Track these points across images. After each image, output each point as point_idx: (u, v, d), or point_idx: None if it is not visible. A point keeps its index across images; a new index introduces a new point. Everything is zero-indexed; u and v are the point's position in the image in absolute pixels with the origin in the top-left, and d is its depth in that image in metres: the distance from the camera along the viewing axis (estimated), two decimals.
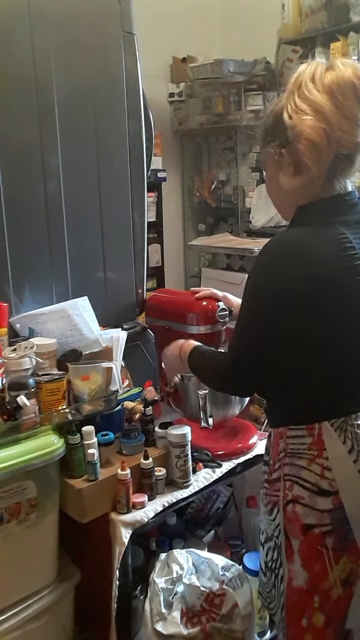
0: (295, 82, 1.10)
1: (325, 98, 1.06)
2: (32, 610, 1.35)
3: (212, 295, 1.63)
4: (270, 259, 1.11)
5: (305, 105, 1.07)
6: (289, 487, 1.14)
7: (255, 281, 1.13)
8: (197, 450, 1.51)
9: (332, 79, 1.07)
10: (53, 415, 1.35)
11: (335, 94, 1.07)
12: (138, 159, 1.83)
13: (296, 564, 1.14)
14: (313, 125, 1.06)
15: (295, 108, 1.08)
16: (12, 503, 1.27)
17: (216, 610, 1.32)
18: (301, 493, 1.12)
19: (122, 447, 1.44)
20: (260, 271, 1.12)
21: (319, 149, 1.07)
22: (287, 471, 1.15)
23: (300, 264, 1.07)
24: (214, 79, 3.02)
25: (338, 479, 1.10)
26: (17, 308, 1.56)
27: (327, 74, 1.08)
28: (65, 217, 1.64)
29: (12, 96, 1.50)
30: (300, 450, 1.13)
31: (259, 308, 1.12)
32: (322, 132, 1.06)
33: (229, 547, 1.73)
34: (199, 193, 3.47)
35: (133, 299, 1.89)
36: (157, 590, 1.33)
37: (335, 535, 1.11)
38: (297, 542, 1.14)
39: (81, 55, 1.64)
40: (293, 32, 2.81)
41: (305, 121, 1.06)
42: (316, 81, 1.08)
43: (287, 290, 1.07)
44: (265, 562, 1.24)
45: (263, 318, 1.11)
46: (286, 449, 1.15)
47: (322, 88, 1.07)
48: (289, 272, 1.07)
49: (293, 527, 1.14)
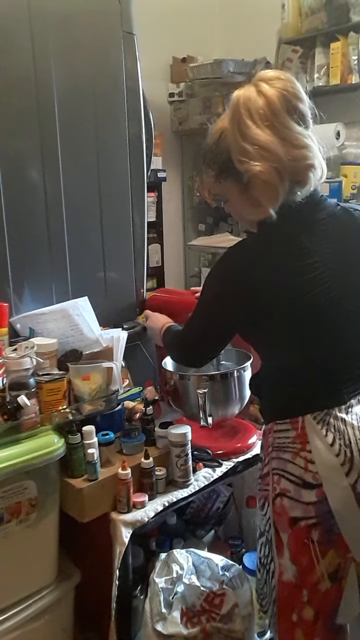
0: (233, 118, 1.11)
1: (267, 133, 1.08)
2: (32, 610, 1.35)
3: None
4: (228, 259, 1.18)
5: (250, 146, 1.08)
6: (276, 481, 1.17)
7: (212, 276, 1.21)
8: (198, 450, 1.51)
9: (264, 104, 1.08)
10: (53, 415, 1.35)
11: (274, 125, 1.08)
12: (138, 159, 1.83)
13: (285, 557, 1.16)
14: (263, 169, 1.08)
15: (241, 150, 1.09)
16: (12, 503, 1.27)
17: (216, 610, 1.32)
18: (287, 486, 1.14)
19: (122, 447, 1.44)
20: (218, 268, 1.20)
21: (274, 188, 1.09)
22: (275, 465, 1.18)
23: (253, 266, 1.13)
24: (214, 79, 3.01)
25: (321, 471, 1.11)
26: (17, 308, 1.56)
27: (259, 100, 1.09)
28: (65, 217, 1.64)
29: (12, 96, 1.50)
30: (285, 444, 1.16)
31: (212, 303, 1.21)
32: (274, 171, 1.08)
33: (229, 547, 1.73)
34: (199, 193, 3.46)
35: (133, 299, 1.89)
36: (157, 590, 1.33)
37: (321, 528, 1.12)
38: (286, 535, 1.15)
39: (81, 56, 1.64)
40: (293, 32, 2.81)
41: (256, 167, 1.08)
42: (252, 114, 1.08)
43: (237, 292, 1.14)
44: (259, 558, 1.26)
45: (214, 311, 1.21)
46: (273, 443, 1.18)
47: (260, 120, 1.08)
48: (242, 274, 1.14)
49: (282, 520, 1.16)
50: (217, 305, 1.20)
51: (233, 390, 1.55)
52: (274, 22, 2.88)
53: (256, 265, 1.13)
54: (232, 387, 1.54)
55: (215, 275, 1.20)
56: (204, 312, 1.24)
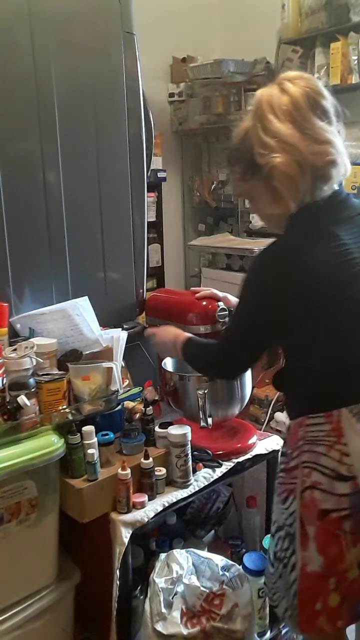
0: (256, 115, 1.15)
1: (289, 127, 1.11)
2: (32, 610, 1.35)
3: (213, 295, 1.64)
4: (264, 259, 1.19)
5: (271, 140, 1.11)
6: (307, 474, 1.17)
7: (249, 281, 1.20)
8: (198, 450, 1.51)
9: (288, 102, 1.12)
10: (53, 415, 1.35)
11: (297, 120, 1.11)
12: (138, 159, 1.83)
13: (311, 550, 1.17)
14: (284, 161, 1.11)
15: (263, 144, 1.13)
16: (12, 503, 1.27)
17: (216, 610, 1.32)
18: (320, 479, 1.16)
19: (122, 447, 1.44)
20: (255, 272, 1.20)
21: (294, 181, 1.12)
22: (306, 458, 1.18)
23: (292, 263, 1.13)
24: (214, 79, 3.01)
25: (356, 463, 1.13)
26: (17, 308, 1.56)
27: (282, 98, 1.12)
28: (65, 217, 1.64)
29: (12, 96, 1.50)
30: (319, 437, 1.17)
31: (252, 306, 1.21)
32: (295, 164, 1.11)
33: (229, 547, 1.73)
34: (199, 193, 3.46)
35: (133, 299, 1.89)
36: (157, 590, 1.33)
37: (354, 519, 1.14)
38: (313, 528, 1.16)
39: (81, 56, 1.64)
40: (293, 32, 2.81)
41: (276, 158, 1.11)
42: (275, 110, 1.12)
43: (279, 289, 1.14)
44: (275, 552, 1.25)
45: (256, 315, 1.20)
46: (305, 436, 1.19)
47: (283, 115, 1.11)
48: (282, 272, 1.14)
49: (309, 513, 1.17)
50: (259, 308, 1.19)
51: (233, 391, 1.55)
52: (274, 22, 2.88)
53: (295, 262, 1.14)
54: (232, 387, 1.54)
55: (254, 278, 1.20)
56: (245, 317, 1.23)
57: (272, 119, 1.12)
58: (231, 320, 1.27)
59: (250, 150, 1.16)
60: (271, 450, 1.63)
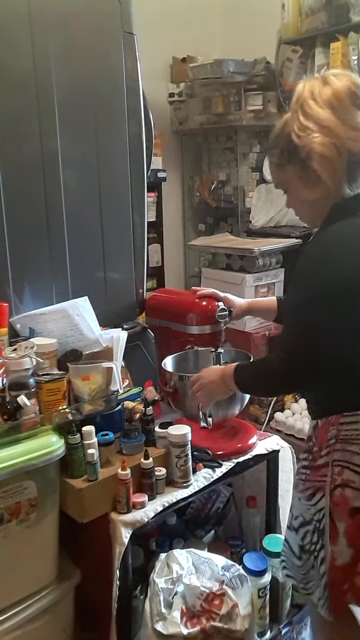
0: (297, 102, 1.20)
1: (328, 112, 1.16)
2: (32, 611, 1.35)
3: (213, 295, 1.64)
4: (319, 252, 1.19)
5: (311, 123, 1.16)
6: (338, 472, 1.18)
7: (306, 276, 1.19)
8: (198, 450, 1.51)
9: (330, 93, 1.16)
10: (53, 415, 1.35)
11: (336, 108, 1.16)
12: (138, 159, 1.83)
13: (341, 544, 1.18)
14: (322, 142, 1.15)
15: (302, 126, 1.17)
16: (12, 503, 1.27)
17: (216, 610, 1.32)
18: (352, 477, 1.16)
19: (122, 447, 1.44)
20: (310, 267, 1.19)
21: (331, 162, 1.16)
22: (338, 457, 1.19)
23: (347, 253, 1.15)
24: (214, 79, 3.02)
25: None
26: (17, 308, 1.56)
27: (324, 89, 1.17)
28: (65, 217, 1.64)
29: (12, 96, 1.50)
30: (353, 436, 1.17)
31: (313, 300, 1.16)
32: (332, 146, 1.15)
33: (229, 547, 1.73)
34: (199, 193, 3.47)
35: (133, 299, 1.89)
36: (157, 590, 1.33)
37: None
38: (343, 524, 1.17)
39: (81, 56, 1.64)
40: (293, 32, 2.81)
41: (314, 138, 1.15)
42: (316, 97, 1.17)
43: (337, 279, 1.14)
44: (302, 546, 1.27)
45: (318, 309, 1.16)
46: (337, 435, 1.19)
47: (323, 103, 1.16)
48: (338, 262, 1.15)
49: (340, 510, 1.18)
50: (318, 310, 1.16)
51: None
52: (274, 22, 2.88)
53: (347, 251, 1.15)
54: None
55: (308, 278, 1.19)
56: (306, 321, 1.18)
57: (313, 105, 1.17)
58: (289, 331, 1.23)
59: (289, 135, 1.20)
60: (271, 450, 1.63)
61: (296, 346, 1.19)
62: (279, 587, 1.58)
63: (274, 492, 1.70)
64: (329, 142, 1.14)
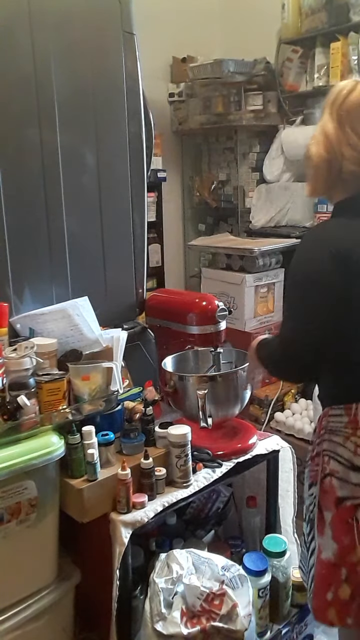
0: (326, 103, 1.23)
1: (335, 127, 1.18)
2: (32, 610, 1.35)
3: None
4: (300, 245, 1.25)
5: (319, 129, 1.21)
6: (326, 462, 1.22)
7: (291, 269, 1.25)
8: (198, 450, 1.51)
9: (350, 103, 1.17)
10: (53, 415, 1.35)
11: (343, 121, 1.17)
12: (138, 159, 1.83)
13: (327, 536, 1.20)
14: (316, 153, 1.20)
15: (317, 130, 1.22)
16: (12, 503, 1.27)
17: (216, 610, 1.32)
18: (336, 467, 1.20)
19: (122, 447, 1.44)
20: (294, 260, 1.23)
21: (319, 172, 1.21)
22: (326, 447, 1.23)
23: (325, 245, 1.17)
24: (214, 79, 3.01)
25: None
26: (17, 308, 1.56)
27: (351, 95, 1.18)
28: (65, 217, 1.64)
29: (12, 96, 1.50)
30: (338, 428, 1.22)
31: (296, 293, 1.23)
32: (324, 159, 1.19)
33: (229, 547, 1.73)
34: (199, 193, 3.46)
35: (133, 299, 1.89)
36: (157, 590, 1.33)
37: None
38: (330, 514, 1.20)
39: (81, 56, 1.64)
40: (293, 32, 2.81)
41: (311, 146, 1.21)
42: (335, 105, 1.19)
43: (316, 271, 1.17)
44: (303, 537, 1.31)
45: (296, 298, 1.23)
46: (327, 426, 1.25)
47: (336, 114, 1.18)
48: (316, 253, 1.18)
49: (328, 499, 1.21)
50: (308, 300, 1.20)
51: (233, 391, 1.55)
52: (274, 22, 2.88)
53: (337, 239, 1.18)
54: (232, 387, 1.54)
55: (298, 267, 1.23)
56: (296, 311, 1.24)
57: (326, 112, 1.21)
58: (284, 319, 1.29)
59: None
60: (271, 450, 1.63)
61: (285, 330, 1.27)
62: (279, 587, 1.58)
63: (274, 492, 1.70)
64: (321, 153, 1.19)
